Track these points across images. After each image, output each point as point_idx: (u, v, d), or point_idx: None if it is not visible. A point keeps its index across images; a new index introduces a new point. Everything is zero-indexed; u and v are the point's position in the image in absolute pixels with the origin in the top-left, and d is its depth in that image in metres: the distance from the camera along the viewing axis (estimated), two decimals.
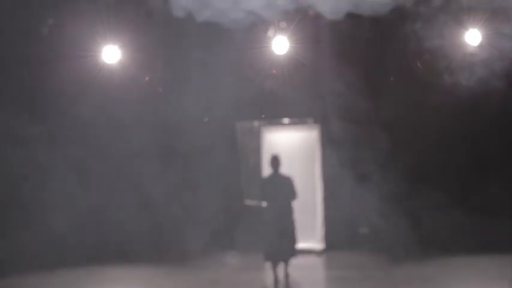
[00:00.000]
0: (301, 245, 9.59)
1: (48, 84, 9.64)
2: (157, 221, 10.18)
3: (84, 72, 9.46)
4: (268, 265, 8.39)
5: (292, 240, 8.09)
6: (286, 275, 8.25)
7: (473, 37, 9.16)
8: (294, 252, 8.17)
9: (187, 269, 9.14)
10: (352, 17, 9.62)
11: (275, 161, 8.10)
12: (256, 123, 10.59)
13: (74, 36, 9.37)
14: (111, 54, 9.43)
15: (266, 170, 8.72)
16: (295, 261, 8.58)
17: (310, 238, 10.12)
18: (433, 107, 9.74)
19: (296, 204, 8.28)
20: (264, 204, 8.15)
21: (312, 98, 10.15)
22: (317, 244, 10.26)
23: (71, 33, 9.37)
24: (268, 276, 8.90)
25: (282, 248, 8.00)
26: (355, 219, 10.34)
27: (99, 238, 9.81)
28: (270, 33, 9.68)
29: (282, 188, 8.01)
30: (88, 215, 9.90)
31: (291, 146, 10.43)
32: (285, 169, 8.38)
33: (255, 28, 9.50)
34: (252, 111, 10.47)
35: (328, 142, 10.30)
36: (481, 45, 9.07)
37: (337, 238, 10.15)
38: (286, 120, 10.56)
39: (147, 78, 10.16)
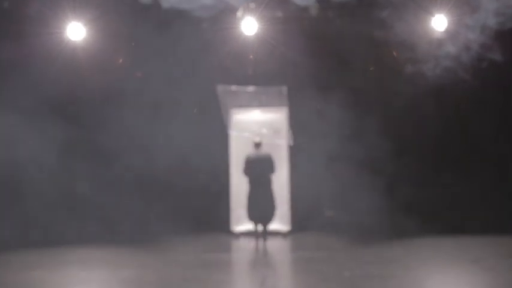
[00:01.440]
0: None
1: (11, 60, 9.40)
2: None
3: (48, 48, 9.28)
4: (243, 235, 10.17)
5: (272, 207, 9.84)
6: (265, 237, 9.72)
7: (439, 23, 9.30)
8: (272, 217, 9.88)
9: (154, 250, 9.07)
10: (321, 1, 9.67)
11: (257, 143, 10.00)
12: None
13: (38, 13, 9.15)
14: (75, 31, 9.26)
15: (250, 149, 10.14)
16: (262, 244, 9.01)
17: (276, 220, 10.18)
18: (399, 90, 9.86)
19: None
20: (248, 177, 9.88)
21: (281, 79, 10.17)
22: (283, 226, 10.31)
23: (35, 9, 9.15)
24: (235, 257, 8.97)
25: (263, 213, 9.83)
26: (322, 202, 10.44)
27: (61, 217, 9.70)
28: (239, 14, 9.63)
29: (263, 164, 9.85)
30: (57, 191, 9.80)
31: (259, 128, 10.43)
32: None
33: (223, 13, 9.44)
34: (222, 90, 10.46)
35: (295, 124, 10.35)
36: (447, 31, 9.23)
37: (303, 220, 10.24)
38: (253, 89, 10.53)
39: (120, 60, 10.03)
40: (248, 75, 10.20)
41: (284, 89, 10.36)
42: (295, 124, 10.38)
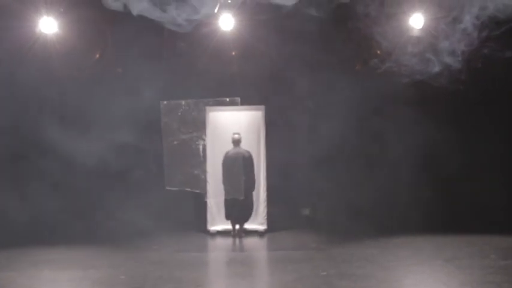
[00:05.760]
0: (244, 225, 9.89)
1: None
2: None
3: (20, 42, 9.09)
4: (215, 234, 10.08)
5: (249, 205, 9.91)
6: (241, 235, 9.81)
7: (416, 21, 9.28)
8: (248, 218, 9.96)
9: (128, 249, 8.89)
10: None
11: (236, 140, 9.99)
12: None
13: (11, 6, 8.94)
14: (47, 25, 9.08)
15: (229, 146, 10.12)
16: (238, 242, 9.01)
17: (252, 219, 10.09)
18: (376, 89, 9.82)
19: None
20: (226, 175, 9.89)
21: (258, 77, 10.07)
22: (259, 225, 10.21)
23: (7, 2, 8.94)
24: (210, 256, 8.86)
25: (239, 212, 9.87)
26: (298, 201, 10.37)
27: (30, 217, 9.48)
28: (216, 9, 9.48)
29: (241, 161, 9.84)
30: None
31: (235, 126, 10.28)
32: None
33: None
34: (199, 91, 10.30)
35: (272, 123, 10.26)
36: (424, 29, 9.20)
37: (280, 219, 10.17)
38: (232, 100, 10.40)
39: (97, 56, 9.84)
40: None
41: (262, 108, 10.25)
42: (273, 124, 10.28)
